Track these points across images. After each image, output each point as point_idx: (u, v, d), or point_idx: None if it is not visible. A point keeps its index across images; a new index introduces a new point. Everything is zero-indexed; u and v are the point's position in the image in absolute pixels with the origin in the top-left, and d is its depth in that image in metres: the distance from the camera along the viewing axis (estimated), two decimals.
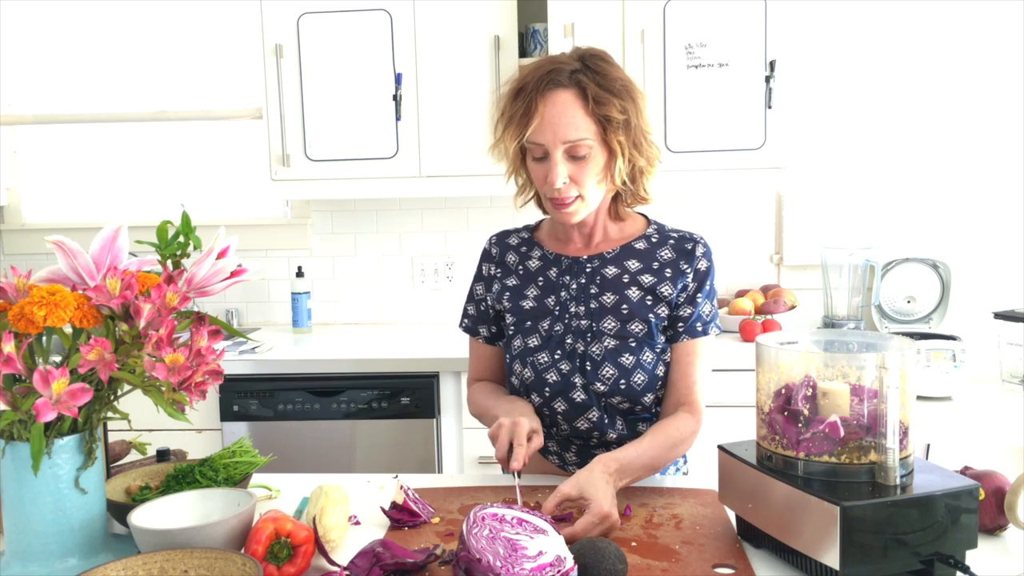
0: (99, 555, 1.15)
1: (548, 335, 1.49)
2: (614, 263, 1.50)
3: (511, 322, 1.54)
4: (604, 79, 1.38)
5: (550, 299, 1.51)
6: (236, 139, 3.26)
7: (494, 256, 1.61)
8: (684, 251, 1.49)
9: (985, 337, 2.63)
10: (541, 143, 1.38)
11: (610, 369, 1.45)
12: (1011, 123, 2.83)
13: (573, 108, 1.37)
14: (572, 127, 1.37)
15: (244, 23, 3.12)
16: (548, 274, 1.53)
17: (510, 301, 1.55)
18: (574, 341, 1.47)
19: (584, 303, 1.49)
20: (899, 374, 1.03)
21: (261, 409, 2.60)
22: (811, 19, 2.88)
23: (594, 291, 1.49)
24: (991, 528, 1.17)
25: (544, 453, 1.55)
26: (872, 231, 2.92)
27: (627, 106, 1.39)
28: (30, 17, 3.25)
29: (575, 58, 1.41)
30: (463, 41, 2.71)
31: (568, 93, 1.37)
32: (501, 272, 1.58)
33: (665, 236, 1.51)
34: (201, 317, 1.18)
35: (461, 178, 2.76)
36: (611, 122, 1.37)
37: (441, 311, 3.19)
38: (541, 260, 1.55)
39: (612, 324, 1.46)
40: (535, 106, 1.37)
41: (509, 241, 1.61)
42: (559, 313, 1.50)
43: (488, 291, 1.60)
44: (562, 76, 1.37)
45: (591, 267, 1.50)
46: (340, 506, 1.21)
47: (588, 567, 1.03)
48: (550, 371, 1.47)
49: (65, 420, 1.11)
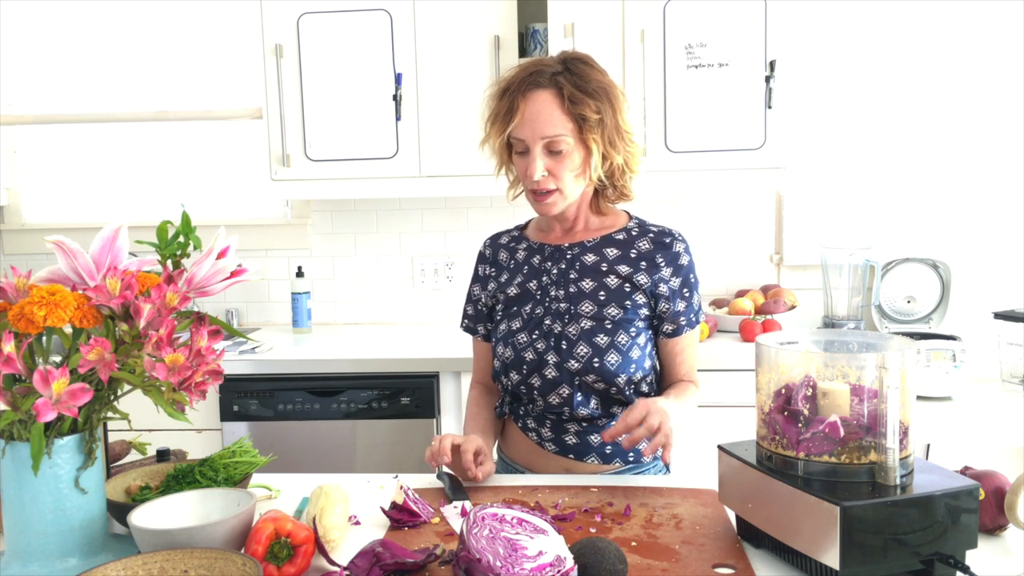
0: (99, 555, 1.15)
1: (529, 317, 1.59)
2: (593, 251, 1.59)
3: (500, 310, 1.65)
4: (581, 80, 1.48)
5: (532, 283, 1.61)
6: (236, 139, 3.26)
7: (488, 257, 1.72)
8: (662, 244, 1.58)
9: (985, 337, 2.63)
10: (522, 138, 1.49)
11: (584, 348, 1.53)
12: (1011, 123, 2.83)
13: (551, 107, 1.47)
14: (549, 124, 1.47)
15: (244, 23, 3.12)
16: (532, 262, 1.63)
17: (501, 292, 1.65)
18: (552, 322, 1.56)
19: (564, 287, 1.58)
20: (899, 374, 1.03)
21: (261, 409, 2.60)
22: (811, 19, 2.88)
23: (573, 276, 1.58)
24: (991, 528, 1.17)
25: (523, 429, 1.63)
26: (872, 231, 2.92)
27: (602, 106, 1.49)
28: (30, 17, 3.25)
29: (559, 61, 1.52)
30: (463, 41, 2.71)
31: (547, 93, 1.48)
32: (495, 271, 1.69)
33: (645, 230, 1.61)
34: (201, 317, 1.18)
35: (461, 178, 2.76)
36: (586, 121, 1.47)
37: (441, 311, 3.19)
38: (527, 251, 1.66)
39: (590, 307, 1.55)
40: (517, 104, 1.48)
41: (500, 241, 1.72)
42: (540, 297, 1.60)
43: (484, 290, 1.70)
44: (543, 77, 1.48)
45: (571, 254, 1.60)
46: (340, 506, 1.21)
47: (588, 567, 1.03)
48: (528, 350, 1.57)
49: (65, 420, 1.11)
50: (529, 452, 1.62)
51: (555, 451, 1.58)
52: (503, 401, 1.66)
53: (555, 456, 1.58)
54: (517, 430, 1.64)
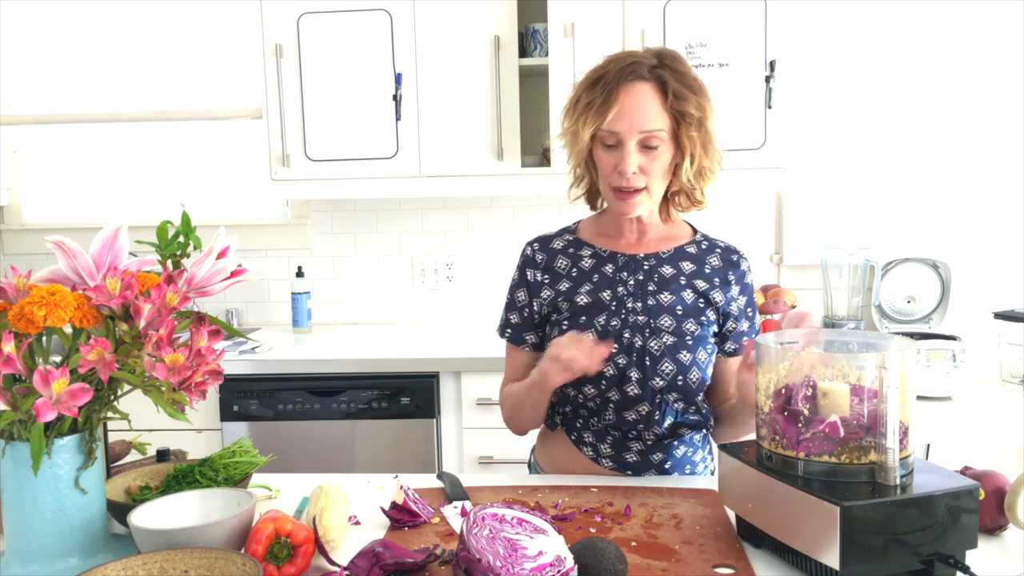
0: (99, 555, 1.15)
1: (605, 329, 1.49)
2: (669, 263, 1.53)
3: (563, 318, 1.53)
4: (683, 77, 1.43)
5: (605, 293, 1.51)
6: (236, 139, 3.26)
7: (539, 262, 1.58)
8: (730, 262, 1.55)
9: (985, 337, 2.63)
10: (617, 131, 1.41)
11: (669, 365, 1.46)
12: (1011, 123, 2.83)
13: (652, 100, 1.41)
14: (650, 118, 1.41)
15: (244, 23, 3.11)
16: (603, 270, 1.53)
17: (565, 300, 1.53)
18: (632, 336, 1.48)
19: (642, 299, 1.50)
20: (899, 374, 1.03)
21: (261, 409, 2.60)
22: (811, 19, 2.88)
23: (652, 288, 1.51)
24: (991, 528, 1.17)
25: (578, 444, 1.54)
26: (872, 231, 2.92)
27: (704, 104, 1.44)
28: (30, 17, 3.25)
29: (653, 55, 1.45)
30: (463, 41, 2.71)
31: (648, 85, 1.41)
32: (550, 278, 1.56)
33: (712, 245, 1.57)
34: (201, 317, 1.18)
35: (461, 178, 2.76)
36: (686, 118, 1.42)
37: (441, 311, 3.19)
38: (593, 258, 1.55)
39: (669, 322, 1.48)
40: (615, 95, 1.40)
41: (554, 246, 1.59)
42: (615, 308, 1.50)
43: (535, 296, 1.57)
44: (643, 69, 1.42)
45: (648, 265, 1.53)
46: (340, 506, 1.21)
47: (588, 567, 1.03)
48: (607, 364, 1.46)
49: (65, 420, 1.11)
50: (580, 467, 1.54)
51: (612, 467, 1.52)
52: (555, 411, 1.57)
53: (610, 472, 1.52)
54: (568, 443, 1.55)
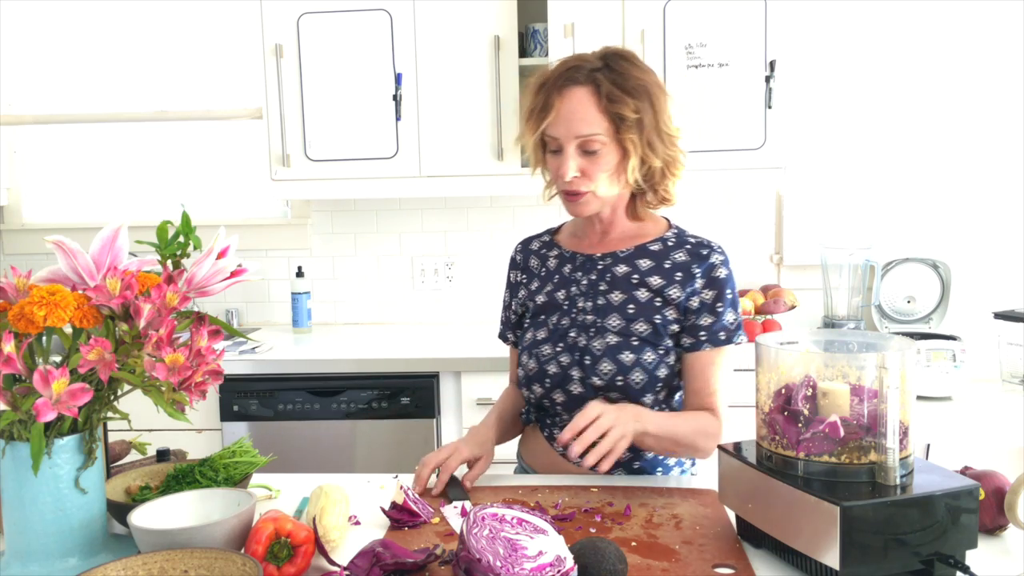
0: (99, 555, 1.15)
1: (555, 328, 1.53)
2: (626, 262, 1.52)
3: (528, 318, 1.61)
4: (621, 78, 1.41)
5: (560, 293, 1.56)
6: (236, 139, 3.26)
7: (519, 263, 1.66)
8: (698, 256, 1.49)
9: (985, 337, 2.63)
10: (556, 136, 1.43)
11: (608, 364, 1.46)
12: (1011, 123, 2.83)
13: (586, 104, 1.41)
14: (584, 122, 1.41)
15: (244, 23, 3.11)
16: (563, 270, 1.58)
17: (530, 300, 1.60)
18: (577, 335, 1.51)
19: (592, 299, 1.52)
20: (899, 374, 1.03)
21: (261, 409, 2.60)
22: (811, 19, 2.88)
23: (603, 288, 1.52)
24: (991, 528, 1.17)
25: (550, 441, 1.57)
26: (872, 231, 2.92)
27: (641, 106, 1.41)
28: (30, 17, 3.25)
29: (599, 57, 1.45)
30: (463, 41, 2.71)
31: (583, 90, 1.41)
32: (526, 278, 1.64)
33: (682, 240, 1.52)
34: (201, 317, 1.18)
35: (461, 178, 2.76)
36: (624, 120, 1.40)
37: (441, 311, 3.19)
38: (558, 258, 1.60)
39: (617, 322, 1.49)
40: (552, 101, 1.42)
41: (532, 246, 1.66)
42: (567, 308, 1.54)
43: (514, 297, 1.65)
44: (580, 73, 1.42)
45: (603, 264, 1.53)
46: (340, 506, 1.21)
47: (588, 567, 1.03)
48: (551, 363, 1.51)
49: (65, 420, 1.11)
50: (553, 463, 1.56)
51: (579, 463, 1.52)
52: (528, 410, 1.62)
53: (578, 469, 1.50)
54: (541, 439, 1.58)
